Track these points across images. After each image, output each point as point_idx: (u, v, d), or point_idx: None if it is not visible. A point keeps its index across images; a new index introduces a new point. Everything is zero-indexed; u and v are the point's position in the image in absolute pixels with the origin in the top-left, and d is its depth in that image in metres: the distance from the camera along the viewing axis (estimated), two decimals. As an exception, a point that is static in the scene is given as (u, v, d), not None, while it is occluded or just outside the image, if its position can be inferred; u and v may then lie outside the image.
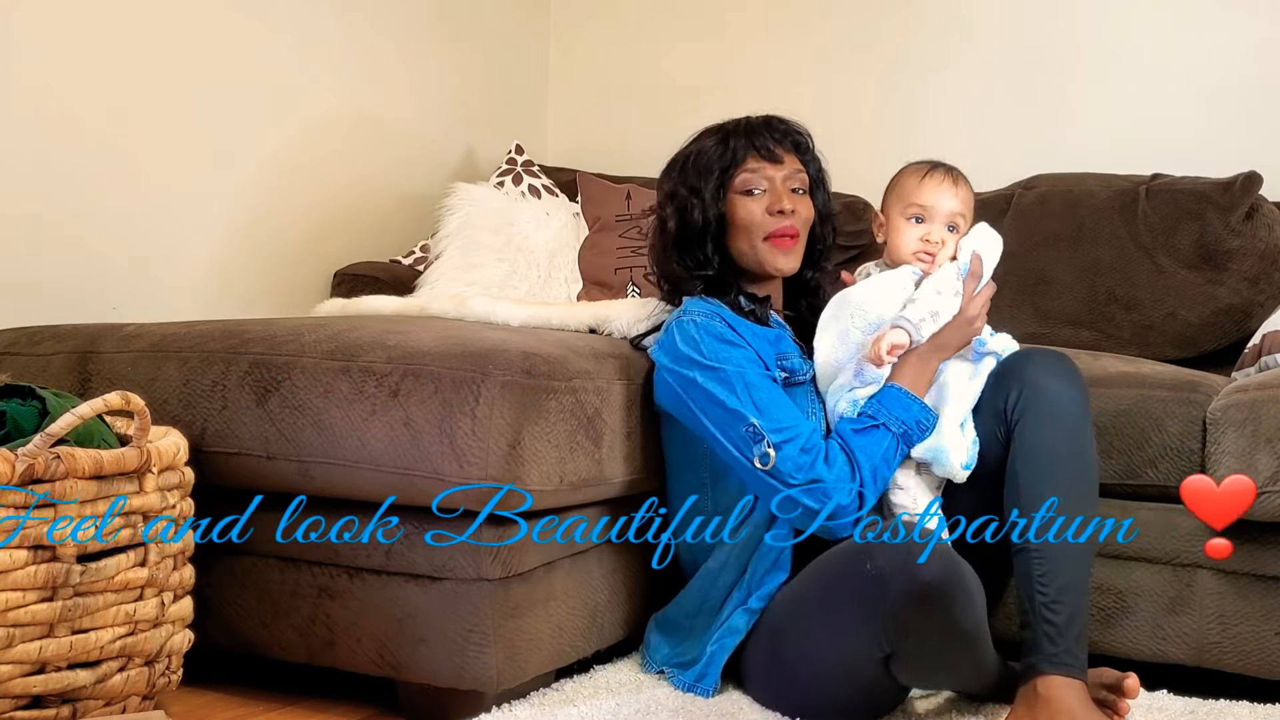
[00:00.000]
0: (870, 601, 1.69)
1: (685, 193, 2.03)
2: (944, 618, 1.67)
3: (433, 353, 1.79)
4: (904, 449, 1.87)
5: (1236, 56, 2.94)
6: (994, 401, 1.88)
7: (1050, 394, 1.84)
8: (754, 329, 1.97)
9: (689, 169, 2.04)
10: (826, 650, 1.78)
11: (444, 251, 2.94)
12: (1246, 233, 2.64)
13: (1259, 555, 1.96)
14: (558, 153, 3.65)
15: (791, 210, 2.00)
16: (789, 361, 1.97)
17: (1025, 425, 1.83)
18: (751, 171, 2.01)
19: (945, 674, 1.81)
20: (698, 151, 2.05)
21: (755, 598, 1.91)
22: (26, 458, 1.50)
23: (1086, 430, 1.86)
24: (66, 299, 2.41)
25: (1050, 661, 1.74)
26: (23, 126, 2.36)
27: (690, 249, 2.03)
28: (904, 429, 1.86)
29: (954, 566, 1.67)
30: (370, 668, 1.86)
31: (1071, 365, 1.88)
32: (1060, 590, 1.77)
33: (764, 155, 2.02)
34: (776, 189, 2.01)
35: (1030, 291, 2.74)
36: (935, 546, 1.67)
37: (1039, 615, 1.77)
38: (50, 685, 1.55)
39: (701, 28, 3.51)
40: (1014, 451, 1.84)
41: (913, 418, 1.87)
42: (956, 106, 3.20)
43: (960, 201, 1.98)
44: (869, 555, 1.70)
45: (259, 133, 2.84)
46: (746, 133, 2.04)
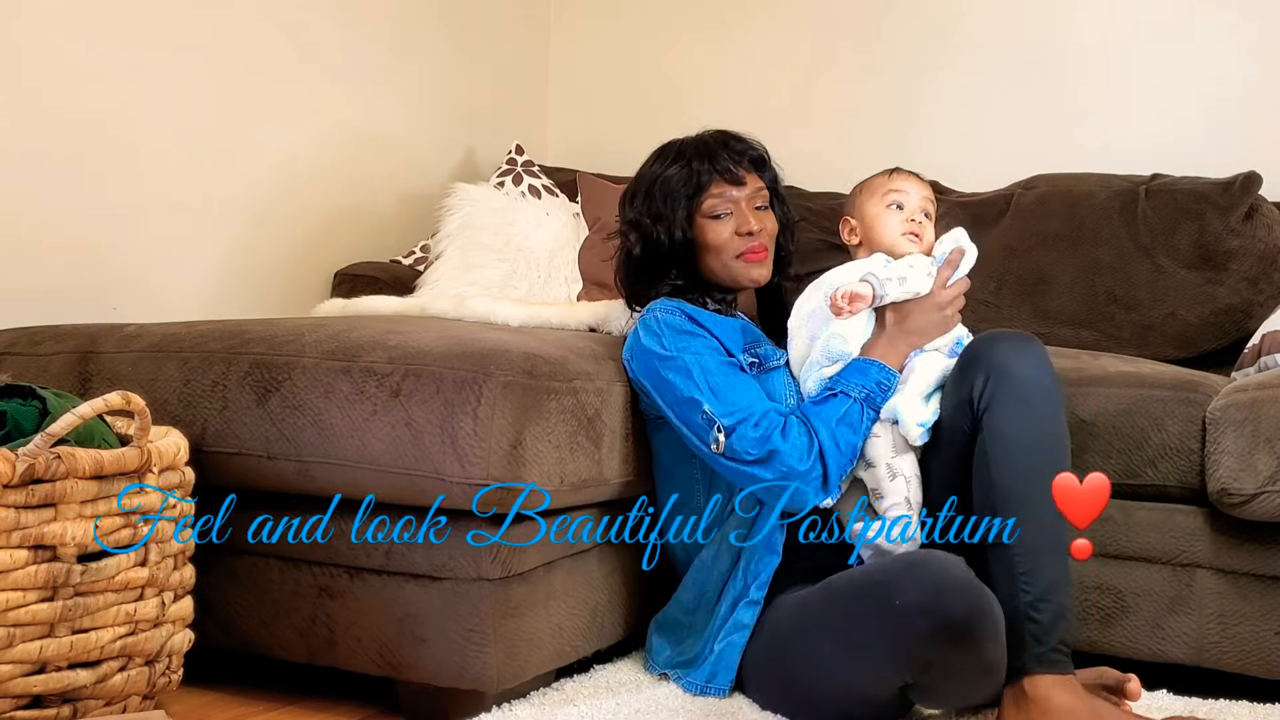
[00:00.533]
0: (895, 636, 1.65)
1: (650, 221, 2.05)
2: (972, 653, 1.64)
3: (434, 353, 1.79)
4: (870, 414, 1.87)
5: (1236, 56, 2.94)
6: (959, 389, 1.84)
7: (1018, 378, 1.79)
8: (718, 318, 2.00)
9: (653, 196, 2.06)
10: (839, 671, 1.75)
11: (444, 251, 2.94)
12: (1246, 233, 2.64)
13: (1259, 555, 1.97)
14: (558, 153, 3.65)
15: (759, 229, 2.04)
16: (760, 349, 1.99)
17: (994, 413, 1.79)
18: (717, 196, 2.04)
19: (964, 699, 1.78)
20: (661, 179, 2.06)
21: (754, 587, 1.90)
22: (27, 458, 1.50)
23: (1058, 413, 1.81)
24: (66, 299, 2.41)
25: (1037, 661, 1.71)
26: (23, 126, 2.36)
27: (657, 271, 2.07)
28: (865, 393, 1.87)
29: (980, 601, 1.63)
30: (370, 668, 1.86)
31: (1037, 345, 1.83)
32: (1045, 589, 1.73)
33: (727, 179, 2.04)
34: (743, 210, 2.04)
35: (1030, 291, 2.74)
36: (964, 577, 1.64)
37: (1022, 615, 1.72)
38: (50, 685, 1.55)
39: (701, 28, 3.51)
40: (983, 441, 1.79)
41: (872, 380, 1.88)
42: (956, 106, 3.20)
43: (928, 191, 2.04)
44: (897, 589, 1.66)
45: (259, 133, 2.84)
46: (708, 156, 2.05)
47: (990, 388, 1.80)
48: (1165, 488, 2.02)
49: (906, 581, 1.66)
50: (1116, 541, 2.04)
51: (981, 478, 1.80)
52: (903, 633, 1.64)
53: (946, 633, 1.61)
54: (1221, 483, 1.93)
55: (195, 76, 2.68)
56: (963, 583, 1.64)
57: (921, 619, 1.62)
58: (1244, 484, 1.91)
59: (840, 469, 1.86)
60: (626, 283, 2.12)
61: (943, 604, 1.62)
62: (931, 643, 1.62)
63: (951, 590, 1.63)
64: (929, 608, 1.62)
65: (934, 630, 1.62)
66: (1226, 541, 1.98)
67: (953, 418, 1.86)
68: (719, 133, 2.11)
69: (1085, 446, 2.03)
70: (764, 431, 1.84)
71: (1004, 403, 1.78)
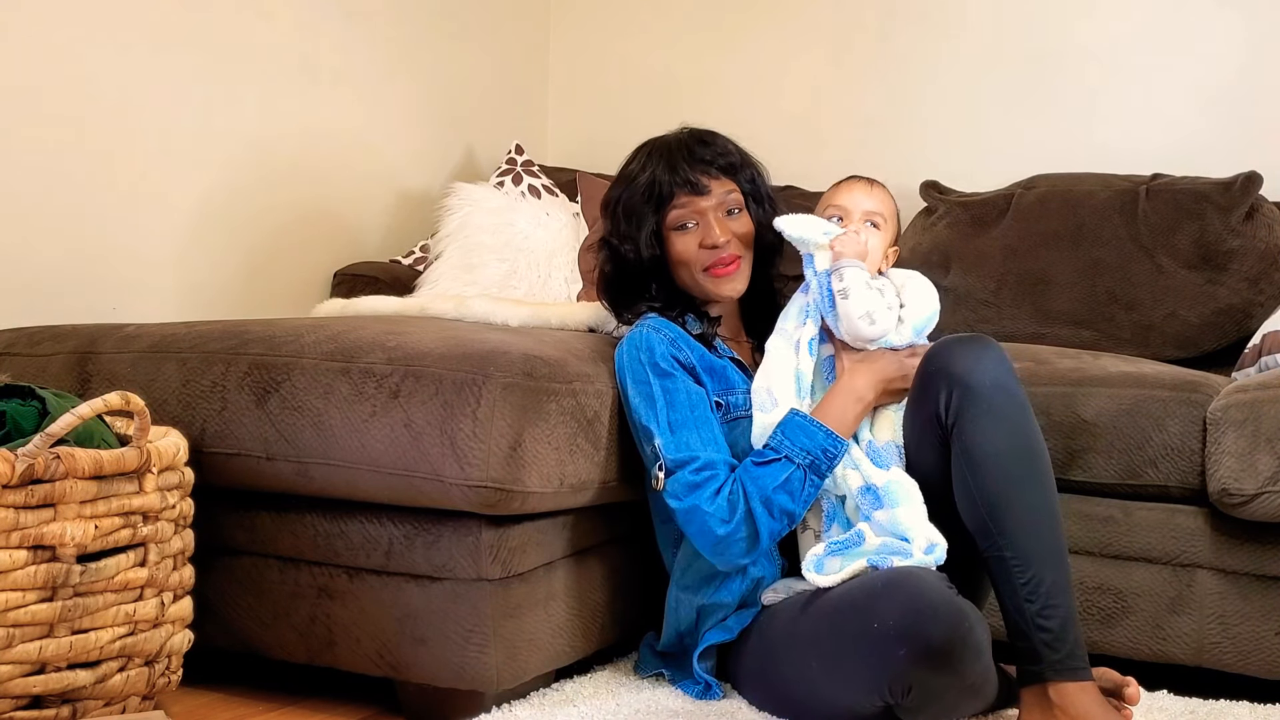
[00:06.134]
0: (877, 660, 1.62)
1: (618, 240, 2.02)
2: (953, 677, 1.63)
3: (433, 354, 1.79)
4: (815, 480, 1.82)
5: (1236, 56, 2.94)
6: (925, 407, 1.80)
7: (982, 388, 1.75)
8: (703, 352, 1.94)
9: (619, 214, 2.03)
10: (823, 688, 1.74)
11: (444, 251, 2.94)
12: (1246, 233, 2.64)
13: (1259, 555, 1.96)
14: (558, 153, 3.65)
15: (725, 240, 1.97)
16: (732, 397, 1.94)
17: (964, 428, 1.75)
18: (681, 207, 1.98)
19: (949, 716, 1.75)
20: (626, 196, 2.02)
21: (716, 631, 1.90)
22: (26, 458, 1.50)
23: (1026, 413, 1.78)
24: (66, 299, 2.41)
25: (1055, 669, 1.70)
26: (23, 126, 2.36)
27: (633, 288, 2.04)
28: (809, 459, 1.82)
29: (960, 623, 1.60)
30: (370, 668, 1.86)
31: (994, 347, 1.80)
32: (1049, 594, 1.71)
33: (690, 189, 1.98)
34: (708, 221, 1.98)
35: (1030, 291, 2.74)
36: (943, 600, 1.61)
37: (1032, 625, 1.71)
38: (50, 685, 1.55)
39: (701, 27, 3.51)
40: (959, 458, 1.76)
41: (818, 446, 1.82)
42: (956, 106, 3.20)
43: (876, 202, 1.99)
44: (876, 613, 1.63)
45: (259, 133, 2.84)
46: (669, 167, 1.99)
47: (956, 402, 1.76)
48: (1166, 488, 2.02)
49: (884, 604, 1.64)
50: (1117, 542, 2.04)
51: (964, 494, 1.77)
52: (882, 657, 1.62)
53: (926, 657, 1.60)
54: (1222, 483, 1.93)
55: (195, 76, 2.68)
56: (940, 604, 1.61)
57: (900, 644, 1.60)
58: (1244, 484, 1.91)
59: (773, 534, 1.83)
60: (606, 299, 2.09)
61: (921, 628, 1.60)
62: (911, 667, 1.61)
63: (928, 613, 1.61)
64: (907, 632, 1.60)
65: (913, 655, 1.60)
66: (1227, 542, 1.98)
67: (920, 435, 1.83)
68: (688, 136, 2.04)
69: (1086, 447, 2.03)
70: (699, 484, 1.82)
71: (973, 417, 1.75)
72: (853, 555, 1.78)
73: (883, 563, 1.74)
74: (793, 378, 1.91)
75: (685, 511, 1.83)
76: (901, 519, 1.76)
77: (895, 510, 1.77)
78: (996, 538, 1.74)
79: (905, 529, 1.76)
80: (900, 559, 1.73)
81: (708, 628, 1.92)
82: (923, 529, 1.75)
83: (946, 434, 1.78)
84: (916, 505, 1.78)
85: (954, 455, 1.77)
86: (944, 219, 2.90)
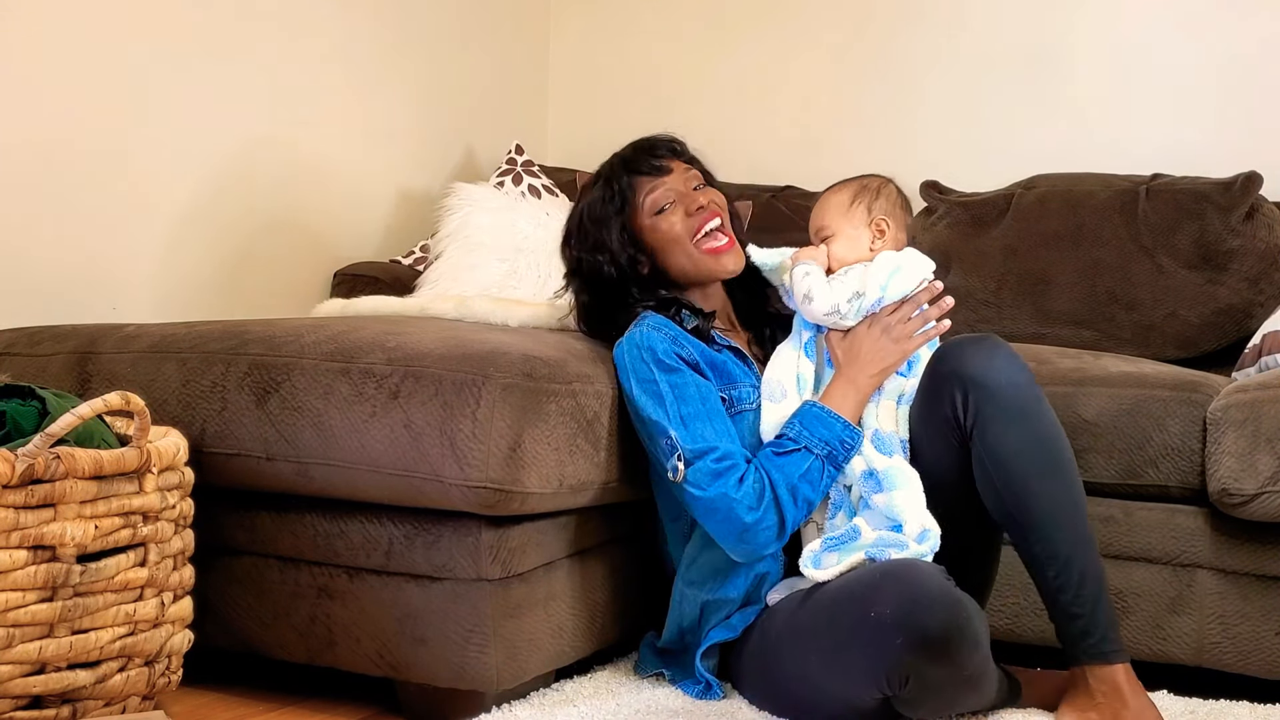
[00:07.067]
0: (874, 650, 1.63)
1: (589, 257, 2.02)
2: (950, 667, 1.63)
3: (433, 354, 1.79)
4: (832, 471, 1.83)
5: (1236, 56, 2.94)
6: (938, 409, 1.81)
7: (1000, 389, 1.77)
8: (702, 348, 1.94)
9: (584, 229, 2.03)
10: (823, 680, 1.74)
11: (444, 251, 2.94)
12: (1246, 233, 2.64)
13: (1260, 555, 1.97)
14: (558, 153, 3.65)
15: (708, 201, 2.00)
16: (734, 391, 1.94)
17: (985, 430, 1.77)
18: (651, 191, 2.00)
19: (948, 709, 1.76)
20: (585, 210, 2.04)
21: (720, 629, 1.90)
22: (26, 458, 1.50)
23: (1044, 408, 1.80)
24: (66, 299, 2.41)
25: (1089, 654, 1.75)
26: (22, 126, 2.35)
27: (618, 301, 2.02)
28: (827, 450, 1.83)
29: (957, 614, 1.61)
30: (370, 668, 1.86)
31: (1004, 346, 1.82)
32: (1079, 583, 1.74)
33: (654, 172, 2.01)
34: (683, 192, 2.01)
35: (1030, 291, 2.74)
36: (940, 590, 1.62)
37: (1067, 614, 1.75)
38: (50, 685, 1.55)
39: (701, 28, 3.51)
40: (981, 459, 1.78)
41: (835, 436, 1.83)
42: (956, 106, 3.20)
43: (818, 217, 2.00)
44: (873, 603, 1.65)
45: (259, 133, 2.84)
46: (626, 169, 2.03)
47: (973, 404, 1.77)
48: (1166, 488, 2.02)
49: (882, 594, 1.65)
50: (1117, 542, 2.04)
51: (990, 493, 1.80)
52: (879, 647, 1.63)
53: (923, 646, 1.60)
54: (1222, 483, 1.93)
55: (195, 76, 2.68)
56: (938, 594, 1.62)
57: (897, 633, 1.61)
58: (1245, 484, 1.91)
59: (795, 522, 1.84)
60: (591, 328, 2.06)
61: (918, 617, 1.61)
62: (908, 656, 1.61)
63: (925, 602, 1.61)
64: (904, 621, 1.61)
65: (910, 644, 1.60)
66: (1227, 542, 1.99)
67: (933, 435, 1.83)
68: (633, 144, 2.07)
69: (1087, 447, 2.03)
70: (723, 473, 1.81)
71: (993, 419, 1.77)
72: (849, 549, 1.79)
73: (880, 555, 1.75)
74: (794, 378, 1.95)
75: (710, 500, 1.82)
76: (898, 502, 1.78)
77: (893, 494, 1.79)
78: (1026, 533, 1.77)
79: (900, 512, 1.78)
80: (897, 551, 1.75)
81: (711, 625, 1.92)
82: (917, 515, 1.78)
83: (966, 436, 1.80)
84: (914, 492, 1.79)
85: (975, 457, 1.79)
86: (944, 219, 2.90)
